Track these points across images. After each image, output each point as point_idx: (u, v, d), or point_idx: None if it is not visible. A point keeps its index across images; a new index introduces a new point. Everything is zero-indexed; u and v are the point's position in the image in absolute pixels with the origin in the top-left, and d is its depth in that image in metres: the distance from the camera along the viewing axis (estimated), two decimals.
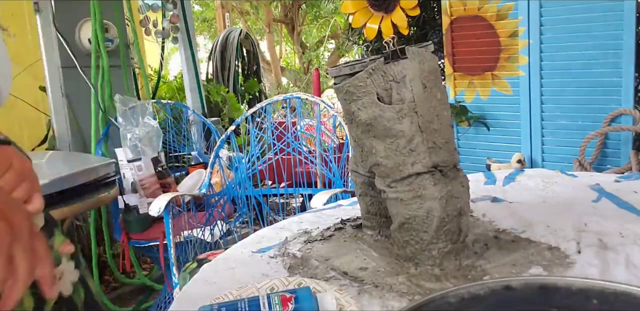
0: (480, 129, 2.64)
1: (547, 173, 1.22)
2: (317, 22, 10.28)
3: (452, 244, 0.79)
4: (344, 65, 0.81)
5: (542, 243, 0.82)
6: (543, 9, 2.30)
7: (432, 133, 0.77)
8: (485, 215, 0.97)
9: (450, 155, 0.80)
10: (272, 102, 2.46)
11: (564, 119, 2.39)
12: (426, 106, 0.77)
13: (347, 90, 0.78)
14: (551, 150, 2.45)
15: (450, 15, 2.57)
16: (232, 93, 4.53)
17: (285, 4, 9.37)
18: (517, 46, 2.40)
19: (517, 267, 0.75)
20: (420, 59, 0.77)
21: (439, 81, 0.80)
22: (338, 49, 8.51)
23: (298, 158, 2.43)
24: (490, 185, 1.18)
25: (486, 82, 2.55)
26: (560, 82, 2.35)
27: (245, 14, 9.93)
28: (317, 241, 0.94)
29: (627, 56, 2.14)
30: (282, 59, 10.78)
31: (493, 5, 2.43)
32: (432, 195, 0.76)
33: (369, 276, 0.78)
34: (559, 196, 1.06)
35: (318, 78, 4.12)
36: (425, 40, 2.82)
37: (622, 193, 1.02)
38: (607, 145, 2.30)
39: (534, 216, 0.93)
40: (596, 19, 2.19)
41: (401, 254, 0.81)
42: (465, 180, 0.81)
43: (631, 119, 2.19)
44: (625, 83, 2.19)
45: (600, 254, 0.76)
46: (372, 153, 0.80)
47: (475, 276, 0.74)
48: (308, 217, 1.10)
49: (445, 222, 0.77)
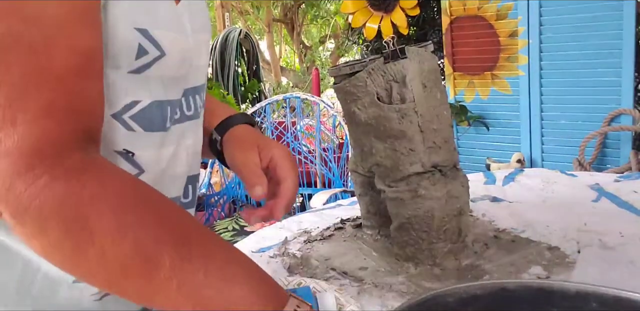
0: (480, 129, 2.64)
1: (547, 173, 1.22)
2: (317, 22, 10.29)
3: (452, 244, 0.79)
4: (343, 65, 0.81)
5: (542, 243, 0.82)
6: (543, 9, 2.30)
7: (431, 133, 0.77)
8: (485, 214, 0.97)
9: (450, 155, 0.80)
10: (272, 102, 2.46)
11: (563, 119, 2.39)
12: (426, 106, 0.77)
13: (346, 90, 0.78)
14: (551, 149, 2.45)
15: (450, 15, 2.57)
16: (230, 95, 4.53)
17: (285, 3, 9.37)
18: (517, 46, 2.40)
19: (516, 267, 0.75)
20: (420, 58, 0.77)
21: (438, 81, 0.80)
22: (338, 48, 8.51)
23: (298, 158, 2.43)
24: (490, 184, 1.18)
25: (486, 81, 2.55)
26: (560, 82, 2.35)
27: (245, 14, 9.93)
28: (317, 241, 0.94)
29: (627, 56, 2.15)
30: (282, 59, 10.79)
31: (493, 5, 2.43)
32: (431, 194, 0.76)
33: (369, 275, 0.78)
34: (558, 196, 1.05)
35: (318, 78, 4.12)
36: (425, 40, 2.82)
37: (622, 193, 1.02)
38: (607, 145, 2.30)
39: (534, 216, 0.93)
40: (596, 19, 2.19)
41: (401, 254, 0.81)
42: (465, 179, 0.81)
43: (631, 119, 2.19)
44: (625, 83, 2.19)
45: (600, 254, 0.76)
46: (372, 153, 0.80)
47: (475, 276, 0.74)
48: (308, 217, 1.10)
49: (444, 222, 0.77)
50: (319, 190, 2.32)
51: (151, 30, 0.53)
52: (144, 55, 0.53)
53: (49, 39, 0.43)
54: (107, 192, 0.44)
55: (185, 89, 0.63)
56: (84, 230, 0.42)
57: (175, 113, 0.62)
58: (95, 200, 0.43)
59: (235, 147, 0.70)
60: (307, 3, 9.28)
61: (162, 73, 0.57)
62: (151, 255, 0.42)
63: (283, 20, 9.80)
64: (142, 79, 0.55)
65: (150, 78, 0.55)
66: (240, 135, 0.72)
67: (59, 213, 0.41)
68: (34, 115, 0.42)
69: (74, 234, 0.42)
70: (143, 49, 0.53)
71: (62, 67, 0.44)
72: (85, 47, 0.46)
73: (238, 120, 0.74)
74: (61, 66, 0.44)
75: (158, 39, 0.54)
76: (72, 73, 0.45)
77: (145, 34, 0.53)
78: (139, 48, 0.53)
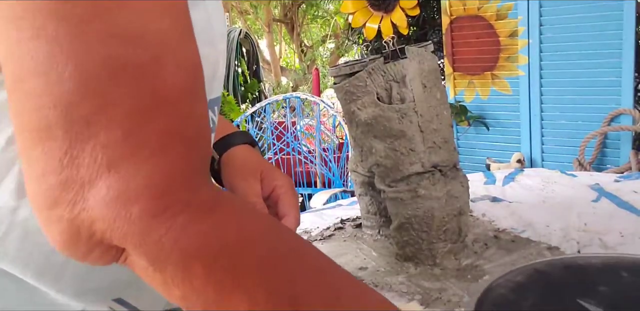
0: (480, 129, 2.64)
1: (547, 173, 1.22)
2: (317, 22, 10.29)
3: (452, 244, 0.79)
4: (343, 65, 0.81)
5: (541, 243, 0.82)
6: (543, 9, 2.30)
7: (431, 133, 0.77)
8: (485, 214, 0.97)
9: (449, 155, 0.80)
10: (271, 102, 2.46)
11: (563, 119, 2.39)
12: (426, 106, 0.77)
13: (346, 89, 0.78)
14: (551, 149, 2.45)
15: (450, 15, 2.58)
16: (231, 95, 4.53)
17: (284, 3, 9.37)
18: (517, 46, 2.40)
19: (516, 267, 0.75)
20: (420, 58, 0.77)
21: (438, 81, 0.80)
22: (338, 48, 8.51)
23: (298, 158, 2.43)
24: (490, 184, 1.18)
25: (486, 81, 2.56)
26: (560, 82, 2.35)
27: (244, 14, 9.93)
28: (317, 241, 0.94)
29: (627, 56, 2.15)
30: (282, 59, 10.79)
31: (493, 5, 2.43)
32: (431, 194, 0.76)
33: (369, 275, 0.78)
34: (558, 196, 1.06)
35: (318, 78, 4.12)
36: (425, 40, 2.82)
37: (622, 193, 1.02)
38: (607, 145, 2.30)
39: (534, 216, 0.93)
40: (596, 19, 2.19)
41: (401, 254, 0.81)
42: (464, 179, 0.81)
43: (631, 119, 2.19)
44: (625, 83, 2.19)
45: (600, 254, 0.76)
46: (372, 153, 0.80)
47: (475, 276, 0.74)
48: (308, 217, 1.10)
49: (444, 222, 0.77)
50: (319, 190, 2.32)
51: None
52: None
53: (156, 59, 0.38)
54: (250, 235, 0.39)
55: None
56: (232, 276, 0.37)
57: None
58: (241, 244, 0.38)
59: (237, 174, 0.67)
60: (307, 3, 9.29)
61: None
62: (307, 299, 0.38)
63: (283, 20, 9.80)
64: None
65: None
66: (242, 159, 0.69)
67: (204, 259, 0.37)
68: (154, 148, 0.37)
69: (221, 281, 0.37)
70: None
71: (175, 89, 0.39)
72: (191, 63, 0.41)
73: (239, 140, 0.71)
74: (174, 87, 0.39)
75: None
76: (184, 94, 0.39)
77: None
78: None
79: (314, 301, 0.38)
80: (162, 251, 0.36)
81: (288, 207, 0.65)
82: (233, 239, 0.38)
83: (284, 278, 0.38)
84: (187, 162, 0.39)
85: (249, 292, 0.37)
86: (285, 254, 0.40)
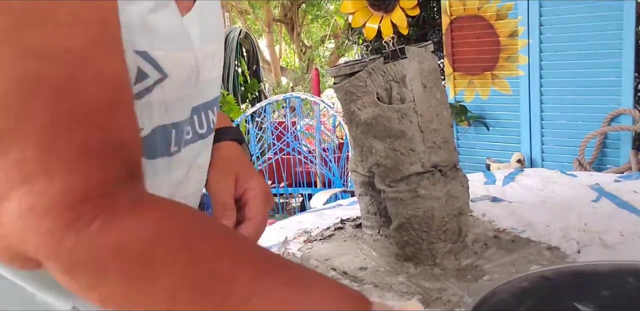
0: (480, 129, 2.64)
1: (547, 173, 1.22)
2: (317, 22, 10.29)
3: (452, 244, 0.79)
4: (343, 65, 0.81)
5: (542, 242, 0.82)
6: (543, 9, 2.30)
7: (431, 133, 0.77)
8: (485, 214, 0.97)
9: (449, 155, 0.80)
10: (272, 102, 2.46)
11: (563, 119, 2.39)
12: (426, 106, 0.77)
13: (346, 89, 0.78)
14: (551, 149, 2.45)
15: (450, 15, 2.58)
16: (231, 95, 4.53)
17: (284, 3, 9.37)
18: (517, 46, 2.40)
19: (516, 267, 0.75)
20: (420, 58, 0.77)
21: (438, 81, 0.80)
22: (337, 48, 8.51)
23: (298, 158, 2.43)
24: (490, 184, 1.18)
25: (486, 81, 2.55)
26: (560, 82, 2.35)
27: (244, 14, 9.93)
28: (317, 241, 0.94)
29: (627, 56, 2.15)
30: (282, 59, 10.79)
31: (493, 5, 2.43)
32: (431, 194, 0.76)
33: (369, 275, 0.78)
34: (558, 196, 1.06)
35: (318, 77, 4.12)
36: (425, 40, 2.82)
37: (621, 193, 1.02)
38: (607, 145, 2.30)
39: (534, 216, 0.93)
40: (596, 19, 2.19)
41: (401, 254, 0.81)
42: (464, 179, 0.81)
43: (631, 119, 2.19)
44: (625, 83, 2.19)
45: (600, 253, 0.77)
46: (372, 153, 0.80)
47: (475, 276, 0.74)
48: (308, 217, 1.10)
49: (444, 222, 0.77)
50: (319, 190, 2.32)
51: (151, 52, 0.49)
52: (144, 79, 0.49)
53: (71, 75, 0.39)
54: (166, 229, 0.40)
55: (193, 107, 0.59)
56: (150, 270, 0.38)
57: (187, 133, 0.58)
58: (156, 239, 0.39)
59: (215, 171, 0.67)
60: (307, 3, 9.29)
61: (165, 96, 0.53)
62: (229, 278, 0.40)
63: (283, 20, 9.80)
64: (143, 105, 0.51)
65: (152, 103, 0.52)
66: (224, 157, 0.68)
67: (118, 259, 0.38)
68: (70, 161, 0.38)
69: (139, 277, 0.39)
70: (143, 72, 0.49)
71: (92, 104, 0.40)
72: (112, 77, 0.42)
73: (227, 135, 0.71)
74: (90, 103, 0.40)
75: (159, 60, 0.50)
76: (102, 108, 0.40)
77: (144, 56, 0.49)
78: (138, 71, 0.49)
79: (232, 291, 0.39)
80: (74, 261, 0.37)
81: (253, 212, 0.64)
82: (148, 236, 0.39)
83: (203, 271, 0.39)
84: (104, 173, 0.39)
85: (168, 288, 0.38)
86: (203, 248, 0.41)
